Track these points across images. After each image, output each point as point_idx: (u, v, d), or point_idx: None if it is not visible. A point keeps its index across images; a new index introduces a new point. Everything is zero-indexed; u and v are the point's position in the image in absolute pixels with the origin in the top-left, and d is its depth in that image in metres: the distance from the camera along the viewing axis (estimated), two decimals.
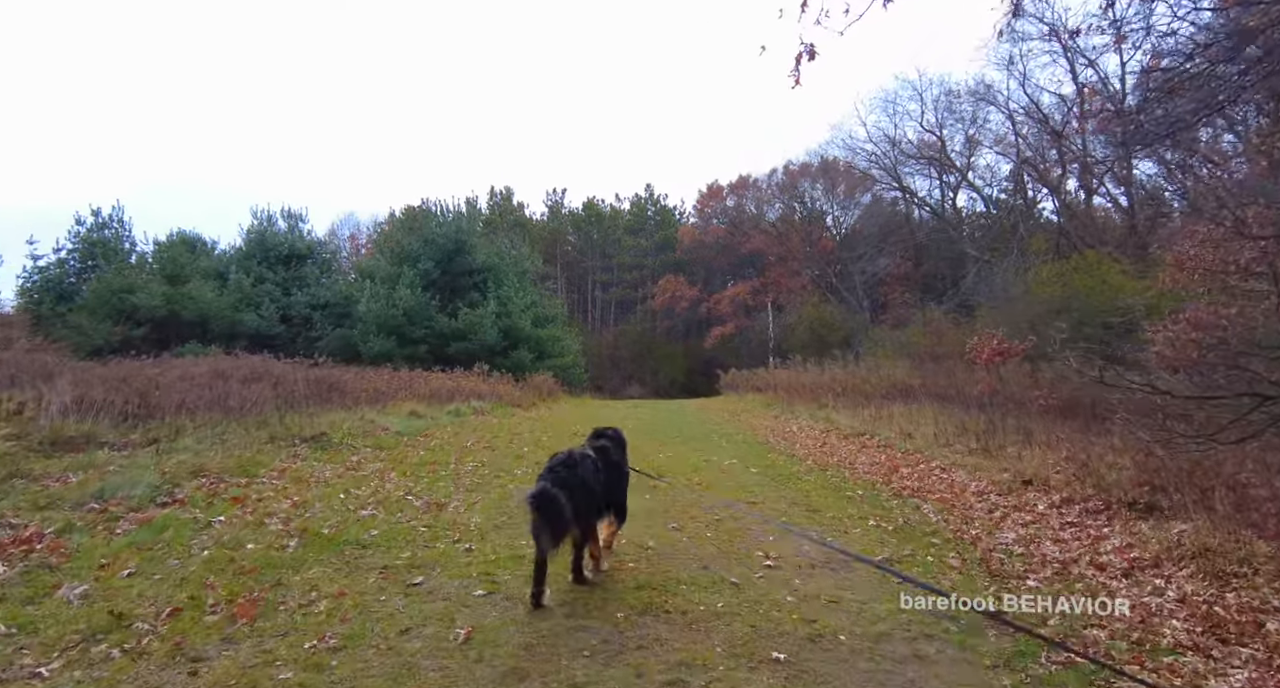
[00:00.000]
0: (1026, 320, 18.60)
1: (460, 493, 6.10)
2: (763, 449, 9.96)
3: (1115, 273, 17.51)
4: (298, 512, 5.08)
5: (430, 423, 11.53)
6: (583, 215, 50.67)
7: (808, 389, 18.42)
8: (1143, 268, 18.39)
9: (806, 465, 8.37)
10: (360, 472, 6.74)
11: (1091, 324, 17.49)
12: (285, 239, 29.80)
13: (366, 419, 10.28)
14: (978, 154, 32.96)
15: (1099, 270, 17.67)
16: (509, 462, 7.93)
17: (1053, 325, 17.89)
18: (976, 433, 9.82)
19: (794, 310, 37.70)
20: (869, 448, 9.81)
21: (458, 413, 13.44)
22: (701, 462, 8.53)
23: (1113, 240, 26.69)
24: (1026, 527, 5.67)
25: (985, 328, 22.58)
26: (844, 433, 11.57)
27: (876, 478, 7.55)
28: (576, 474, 3.81)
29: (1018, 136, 30.67)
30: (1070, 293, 17.81)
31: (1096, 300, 17.09)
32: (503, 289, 25.03)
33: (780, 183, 44.20)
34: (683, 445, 10.21)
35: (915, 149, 33.39)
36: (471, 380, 18.07)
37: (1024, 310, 19.01)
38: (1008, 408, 12.19)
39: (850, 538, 5.23)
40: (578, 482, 3.77)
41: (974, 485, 7.14)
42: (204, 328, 24.29)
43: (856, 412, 14.35)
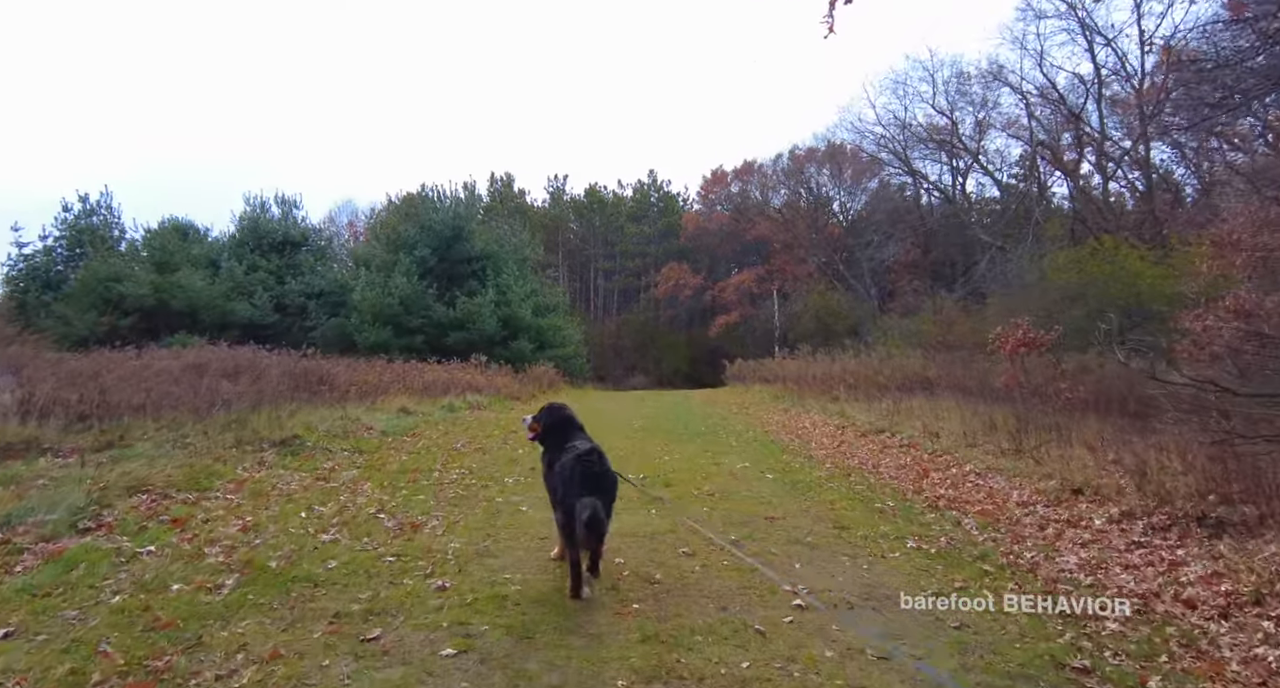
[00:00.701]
0: (1042, 308, 17.86)
1: (441, 509, 5.37)
2: (775, 449, 9.22)
3: (1133, 259, 16.76)
4: (246, 538, 4.33)
5: (420, 420, 10.81)
6: (585, 202, 49.74)
7: (818, 381, 17.66)
8: (1162, 254, 17.64)
9: (826, 470, 7.63)
10: (331, 482, 6.00)
11: (1108, 312, 16.76)
12: (279, 226, 29.03)
13: (350, 417, 9.55)
14: (988, 138, 32.00)
15: (1117, 257, 16.90)
16: (500, 467, 7.19)
17: (1069, 313, 17.27)
18: (1008, 431, 9.06)
19: (800, 298, 36.90)
20: (891, 448, 9.06)
21: (451, 408, 12.72)
22: (711, 465, 7.80)
23: (1128, 226, 25.85)
24: (1087, 548, 4.91)
25: (997, 316, 21.84)
26: (861, 430, 10.83)
27: (906, 485, 6.81)
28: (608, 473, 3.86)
29: (1031, 119, 29.71)
30: (1087, 280, 17.06)
31: (1116, 288, 16.35)
32: (502, 277, 24.28)
33: (786, 168, 43.22)
34: (690, 445, 9.48)
35: (925, 132, 32.44)
36: (468, 373, 17.34)
37: (1039, 298, 18.27)
38: (1031, 402, 11.44)
39: (889, 564, 4.48)
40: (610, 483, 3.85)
41: (1016, 495, 6.39)
42: (194, 318, 23.58)
43: (871, 405, 13.60)
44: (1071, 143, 27.84)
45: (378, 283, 23.04)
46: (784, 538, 4.94)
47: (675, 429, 11.51)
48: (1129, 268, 15.96)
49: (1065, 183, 29.38)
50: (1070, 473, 6.68)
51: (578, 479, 3.66)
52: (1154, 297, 15.42)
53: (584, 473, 3.68)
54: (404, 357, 21.80)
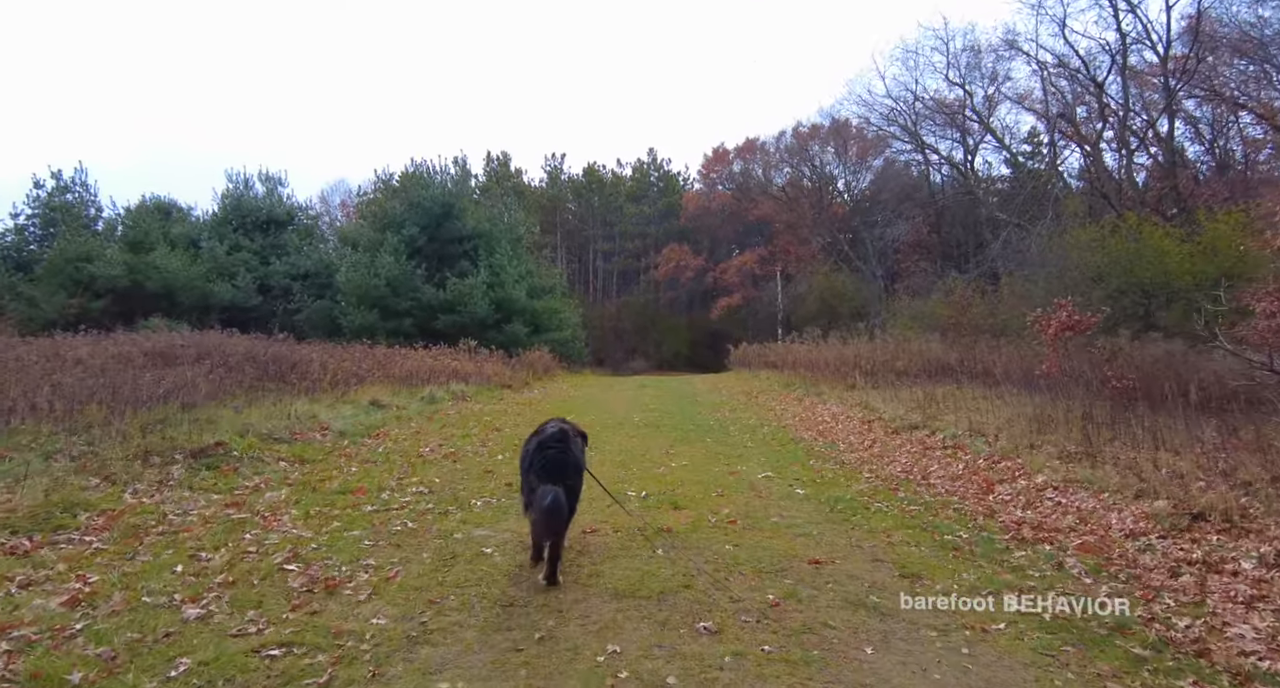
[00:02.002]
0: (1061, 289, 16.64)
1: (376, 552, 3.96)
2: (798, 451, 7.82)
3: (1158, 236, 15.44)
4: (63, 620, 2.94)
5: (392, 416, 9.39)
6: (583, 181, 47.97)
7: (831, 366, 16.25)
8: (1189, 231, 16.34)
9: (865, 481, 6.23)
10: (243, 510, 4.59)
11: (1131, 293, 15.57)
12: (263, 204, 27.45)
13: (305, 414, 8.13)
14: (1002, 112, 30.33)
15: (1140, 234, 15.58)
16: (470, 483, 5.78)
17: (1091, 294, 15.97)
18: (1070, 429, 7.65)
19: (804, 280, 35.39)
20: (934, 450, 7.66)
21: (431, 400, 11.31)
22: (726, 475, 6.40)
23: (1148, 202, 24.36)
24: (1259, 612, 3.55)
25: (1014, 298, 20.50)
26: (891, 425, 9.42)
27: (971, 505, 5.41)
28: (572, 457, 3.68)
29: (1047, 92, 27.99)
30: (1111, 259, 15.74)
31: (1142, 268, 15.09)
32: (495, 257, 22.75)
33: (789, 146, 41.48)
34: (698, 446, 8.07)
35: (936, 105, 30.70)
36: (456, 359, 15.90)
37: (1058, 279, 16.97)
38: (1072, 391, 10.06)
39: (996, 646, 3.09)
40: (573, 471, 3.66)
41: (1116, 519, 4.99)
42: (171, 300, 22.09)
43: (894, 394, 12.21)
44: (1092, 114, 26.18)
45: (363, 263, 21.51)
46: (838, 597, 3.54)
47: (680, 424, 10.10)
48: (1155, 246, 14.72)
49: (1081, 158, 27.79)
50: (1175, 490, 5.28)
51: (538, 467, 3.53)
52: (1182, 276, 13.94)
53: (544, 461, 3.54)
54: (391, 341, 20.36)
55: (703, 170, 46.05)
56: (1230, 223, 14.03)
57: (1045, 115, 28.51)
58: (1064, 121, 25.29)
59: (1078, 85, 26.07)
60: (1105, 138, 26.00)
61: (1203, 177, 26.28)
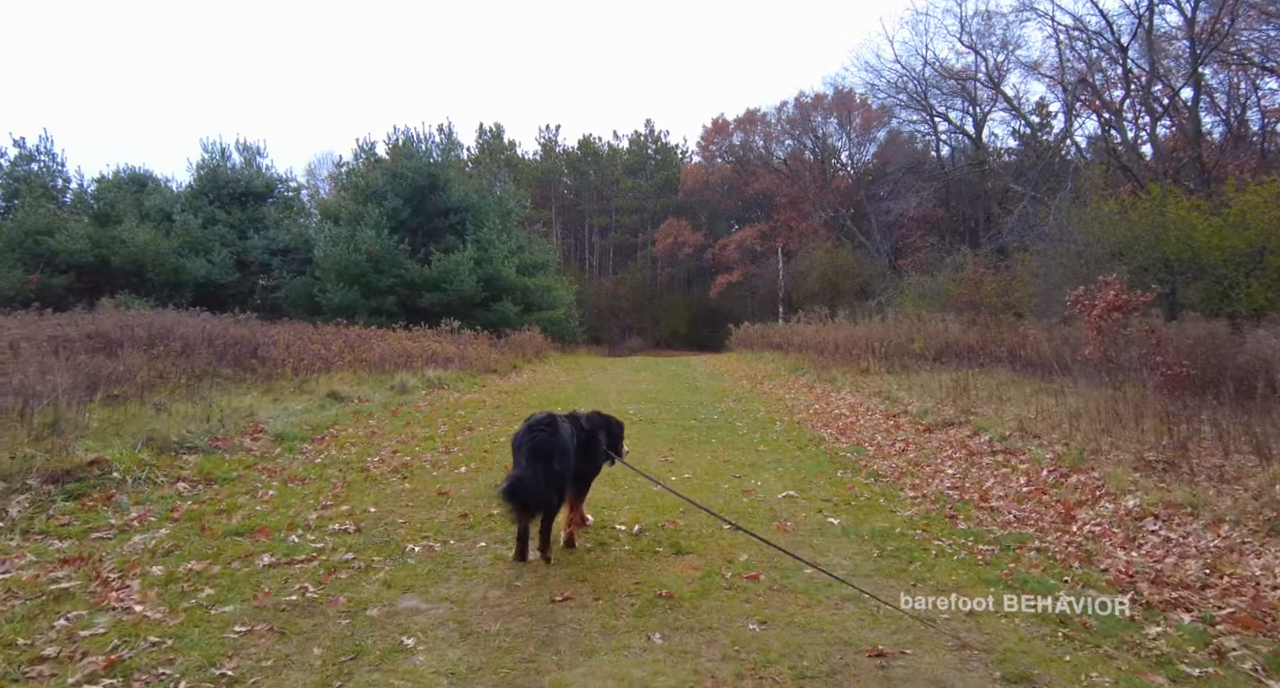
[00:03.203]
0: (1080, 265, 15.45)
1: (246, 647, 2.67)
2: (819, 456, 6.56)
3: (1183, 209, 14.27)
4: None
5: (348, 412, 8.09)
6: (578, 154, 46.17)
7: (840, 349, 14.98)
8: (1217, 204, 15.16)
9: (912, 503, 4.96)
10: (83, 570, 3.32)
11: (1155, 269, 14.46)
12: (241, 175, 25.83)
13: (243, 411, 6.85)
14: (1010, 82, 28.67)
15: (1165, 207, 14.44)
16: (417, 513, 4.48)
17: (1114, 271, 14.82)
18: (1143, 428, 6.39)
19: (806, 256, 33.96)
20: (982, 456, 6.39)
21: (402, 389, 10.02)
22: (738, 494, 5.14)
23: (1169, 173, 22.96)
24: None
25: (1030, 275, 19.22)
26: (921, 421, 8.16)
27: (1056, 541, 4.14)
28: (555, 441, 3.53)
29: (1062, 58, 26.31)
30: (1136, 234, 14.57)
31: (1168, 243, 13.96)
32: (483, 231, 21.28)
33: (791, 117, 39.65)
34: (702, 449, 6.81)
35: (946, 72, 28.97)
36: (437, 341, 14.59)
37: (1078, 254, 15.80)
38: (1118, 379, 8.82)
39: None
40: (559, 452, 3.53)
41: (1260, 568, 3.75)
42: (140, 277, 20.64)
43: (914, 381, 10.97)
44: (1115, 80, 24.56)
45: (343, 238, 20.04)
46: None
47: (680, 418, 8.84)
48: (1181, 219, 13.56)
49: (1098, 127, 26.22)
50: None
51: (524, 448, 3.47)
52: (1210, 251, 12.78)
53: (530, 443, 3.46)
54: (373, 320, 19.06)
55: (701, 142, 44.19)
56: (1263, 195, 12.82)
57: (1061, 82, 26.87)
58: (1084, 87, 23.64)
59: (1097, 49, 24.45)
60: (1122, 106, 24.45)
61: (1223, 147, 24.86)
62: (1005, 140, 33.93)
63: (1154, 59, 22.35)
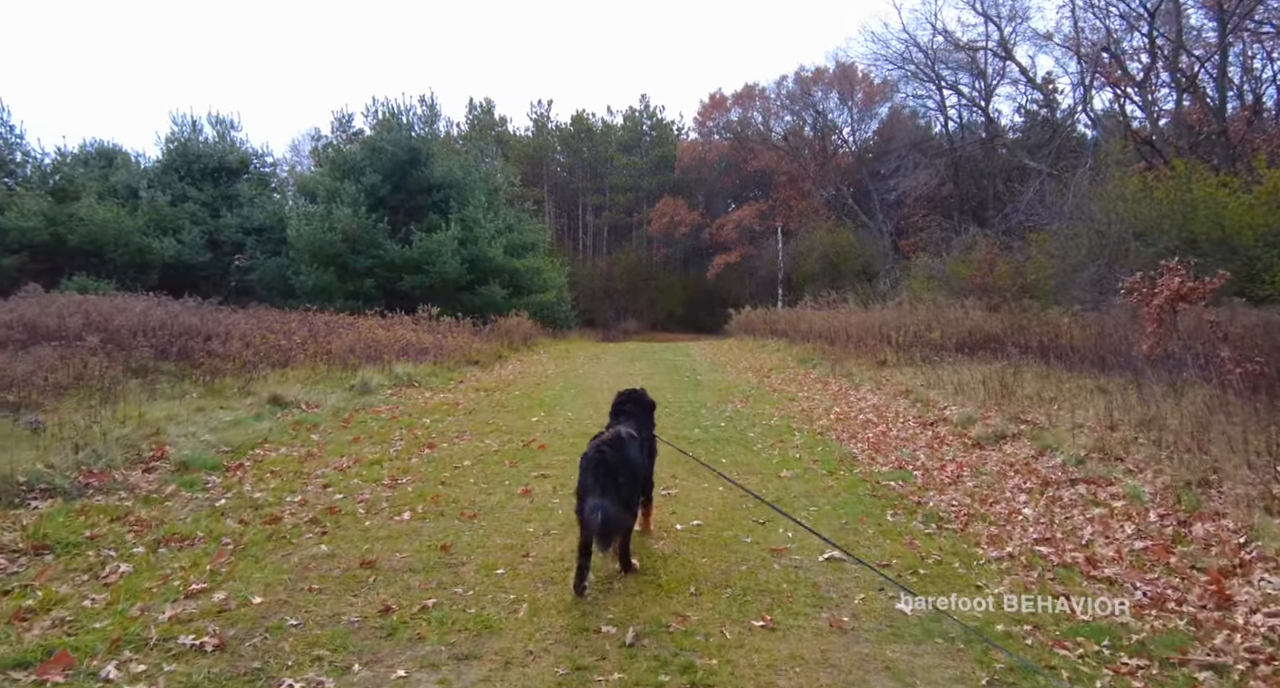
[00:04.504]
0: (1102, 246, 14.27)
1: None
2: (856, 484, 5.24)
3: (1210, 186, 13.23)
4: None
5: (286, 423, 6.72)
6: (571, 130, 44.31)
7: (852, 337, 13.66)
8: (1246, 181, 14.06)
9: (999, 570, 3.64)
10: None
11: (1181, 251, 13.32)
12: (214, 149, 24.12)
13: (152, 423, 5.50)
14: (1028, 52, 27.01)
15: (1191, 184, 13.37)
16: (327, 605, 3.14)
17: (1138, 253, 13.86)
18: (1255, 447, 5.11)
19: (806, 236, 32.52)
20: (1059, 486, 5.07)
21: (364, 389, 8.66)
22: (765, 553, 3.82)
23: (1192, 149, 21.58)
24: None
25: (1043, 255, 17.90)
26: (964, 430, 6.86)
27: (1231, 649, 2.88)
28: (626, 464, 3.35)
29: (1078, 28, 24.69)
30: (1162, 212, 13.46)
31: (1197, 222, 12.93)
32: (468, 209, 19.74)
33: (791, 92, 37.92)
34: (711, 476, 5.50)
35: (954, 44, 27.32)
36: (414, 329, 13.18)
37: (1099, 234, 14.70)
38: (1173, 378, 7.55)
39: None
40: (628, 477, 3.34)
41: None
42: (100, 257, 19.10)
43: (939, 376, 9.67)
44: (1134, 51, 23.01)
45: (317, 216, 18.49)
46: None
47: (683, 426, 7.52)
48: (1210, 197, 12.37)
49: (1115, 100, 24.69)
50: None
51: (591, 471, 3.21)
52: (1241, 230, 11.91)
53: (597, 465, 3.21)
54: (350, 305, 17.64)
55: (698, 118, 42.35)
56: None
57: (1076, 52, 25.27)
58: (1104, 58, 22.06)
59: (1117, 17, 22.83)
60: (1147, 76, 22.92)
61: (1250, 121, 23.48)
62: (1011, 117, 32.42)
63: (1180, 26, 20.82)
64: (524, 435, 6.73)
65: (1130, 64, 23.50)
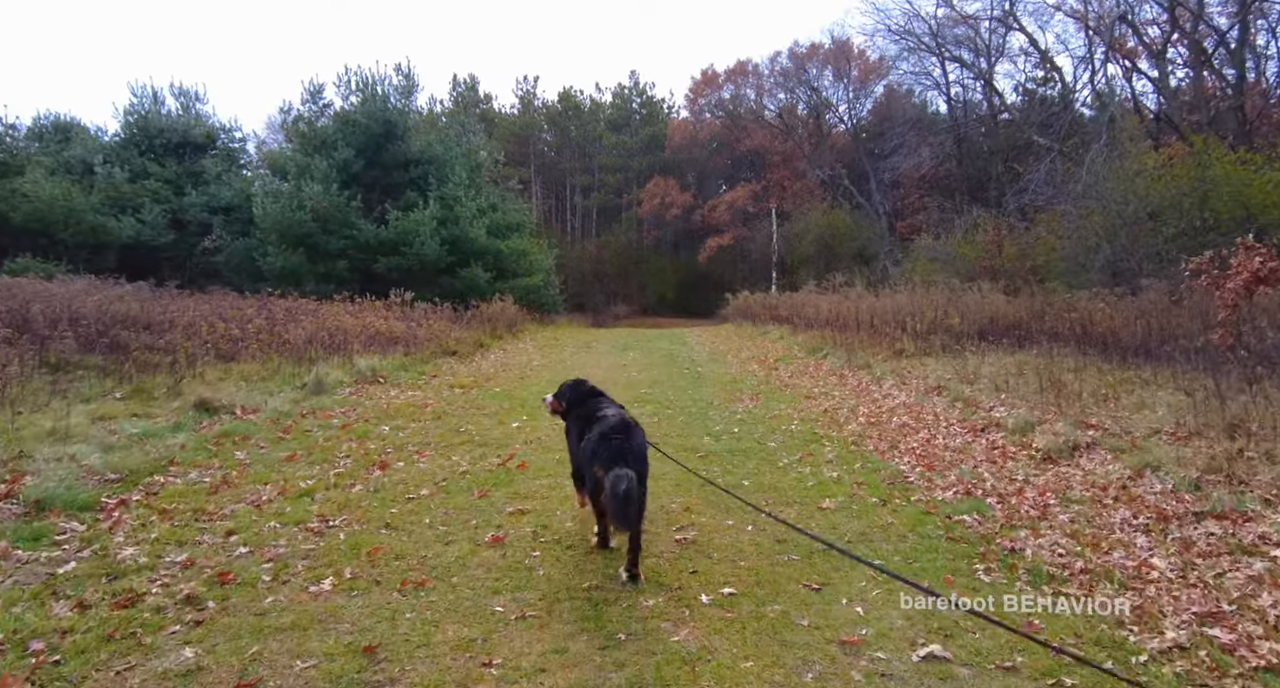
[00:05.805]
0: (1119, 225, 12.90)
1: None
2: (919, 518, 4.09)
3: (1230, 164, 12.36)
4: None
5: (215, 433, 5.44)
6: (558, 108, 42.56)
7: (864, 324, 12.50)
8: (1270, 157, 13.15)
9: (1157, 656, 2.56)
10: None
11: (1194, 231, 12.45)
12: (177, 123, 22.42)
13: (32, 438, 4.23)
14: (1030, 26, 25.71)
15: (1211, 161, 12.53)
16: None
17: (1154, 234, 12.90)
18: None
19: (800, 218, 31.25)
20: (1182, 524, 3.94)
21: (317, 388, 7.38)
22: (827, 644, 2.68)
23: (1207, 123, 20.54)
24: None
25: (1053, 235, 16.82)
26: (1027, 440, 5.73)
27: None
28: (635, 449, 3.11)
29: None
30: (1182, 191, 12.52)
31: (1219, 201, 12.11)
32: (448, 187, 18.29)
33: (785, 68, 36.40)
34: (728, 505, 4.30)
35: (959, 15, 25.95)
36: (385, 316, 11.85)
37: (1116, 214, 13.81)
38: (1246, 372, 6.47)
39: None
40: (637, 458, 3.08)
41: None
42: (49, 236, 17.52)
43: (966, 367, 8.57)
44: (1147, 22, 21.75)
45: (285, 194, 17.00)
46: None
47: (687, 434, 6.33)
48: (1232, 175, 11.62)
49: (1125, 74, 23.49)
50: None
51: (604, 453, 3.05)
52: (1267, 209, 11.33)
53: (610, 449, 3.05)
54: (322, 289, 16.24)
55: (690, 96, 40.68)
56: None
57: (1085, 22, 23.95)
58: (1123, 25, 20.80)
59: None
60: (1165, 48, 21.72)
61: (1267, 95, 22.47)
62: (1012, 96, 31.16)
63: None
64: (500, 449, 5.50)
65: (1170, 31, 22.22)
